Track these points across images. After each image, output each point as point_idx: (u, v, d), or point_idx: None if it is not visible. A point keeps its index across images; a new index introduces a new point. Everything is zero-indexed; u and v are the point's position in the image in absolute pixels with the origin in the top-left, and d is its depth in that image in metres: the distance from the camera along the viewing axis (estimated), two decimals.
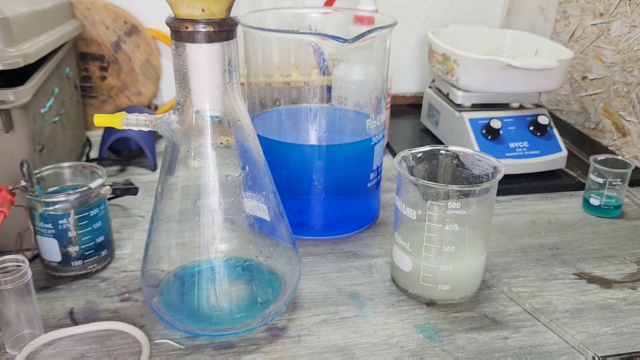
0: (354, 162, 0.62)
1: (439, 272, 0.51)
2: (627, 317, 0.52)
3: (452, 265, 0.51)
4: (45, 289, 0.54)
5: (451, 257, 0.51)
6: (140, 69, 0.96)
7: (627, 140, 0.86)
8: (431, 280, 0.52)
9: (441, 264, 0.51)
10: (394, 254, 0.55)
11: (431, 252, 0.51)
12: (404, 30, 1.06)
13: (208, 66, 0.42)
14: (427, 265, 0.51)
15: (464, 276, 0.52)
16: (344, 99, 0.64)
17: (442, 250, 0.50)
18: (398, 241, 0.54)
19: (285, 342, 0.48)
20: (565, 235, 0.66)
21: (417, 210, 0.51)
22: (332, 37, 0.53)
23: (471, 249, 0.52)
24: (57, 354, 0.46)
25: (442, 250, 0.50)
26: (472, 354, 0.47)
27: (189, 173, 0.45)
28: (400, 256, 0.53)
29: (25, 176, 0.52)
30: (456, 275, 0.52)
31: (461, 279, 0.52)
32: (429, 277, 0.52)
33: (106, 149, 0.81)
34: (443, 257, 0.51)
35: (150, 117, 0.45)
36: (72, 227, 0.53)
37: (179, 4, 0.40)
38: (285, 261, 0.50)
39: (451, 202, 0.49)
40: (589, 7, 0.93)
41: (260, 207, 0.47)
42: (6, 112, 0.54)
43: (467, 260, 0.52)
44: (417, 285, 0.53)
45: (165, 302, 0.48)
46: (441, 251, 0.50)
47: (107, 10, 0.91)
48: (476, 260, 0.53)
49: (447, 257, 0.51)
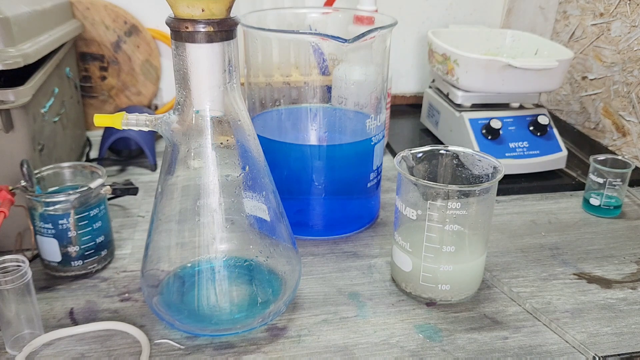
0: (354, 162, 0.62)
1: (439, 272, 0.51)
2: (627, 317, 0.52)
3: (452, 266, 0.51)
4: (45, 289, 0.54)
5: (451, 257, 0.51)
6: (140, 69, 0.96)
7: (627, 140, 0.86)
8: (431, 280, 0.52)
9: (441, 264, 0.51)
10: (394, 254, 0.55)
11: (431, 252, 0.51)
12: (404, 30, 1.06)
13: (208, 66, 0.42)
14: (427, 265, 0.51)
15: (464, 276, 0.52)
16: (344, 99, 0.64)
17: (442, 250, 0.50)
18: (398, 241, 0.54)
19: (285, 342, 0.48)
20: (565, 235, 0.66)
21: (417, 210, 0.51)
22: (332, 37, 0.53)
23: (471, 249, 0.52)
24: (57, 354, 0.46)
25: (442, 250, 0.50)
26: (472, 354, 0.47)
27: (189, 173, 0.45)
28: (400, 256, 0.53)
29: (25, 176, 0.52)
30: (456, 275, 0.52)
31: (461, 279, 0.52)
32: (429, 277, 0.52)
33: (106, 149, 0.81)
34: (443, 257, 0.51)
35: (150, 117, 0.44)
36: (72, 227, 0.53)
37: (179, 4, 0.40)
38: (285, 261, 0.50)
39: (451, 202, 0.49)
40: (589, 7, 0.93)
41: (260, 207, 0.47)
42: (6, 112, 0.54)
43: (467, 261, 0.52)
44: (417, 285, 0.53)
45: (165, 302, 0.48)
46: (441, 251, 0.50)
47: (107, 10, 0.91)
48: (476, 261, 0.53)
49: (447, 257, 0.51)
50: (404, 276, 0.54)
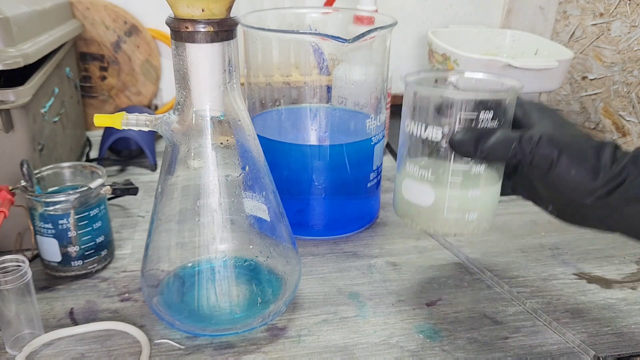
0: (354, 162, 0.62)
1: (467, 198, 0.45)
2: (627, 317, 0.52)
3: (480, 190, 0.45)
4: (45, 289, 0.54)
5: (478, 179, 0.45)
6: (140, 69, 0.96)
7: (627, 140, 0.86)
8: (457, 211, 0.45)
9: (469, 188, 0.44)
10: (406, 190, 0.47)
11: (459, 176, 0.44)
12: (404, 30, 1.06)
13: (208, 66, 0.42)
14: (453, 193, 0.45)
15: (488, 202, 0.46)
16: (344, 99, 0.64)
17: (470, 173, 0.44)
18: (413, 172, 0.46)
19: (285, 342, 0.48)
20: (565, 235, 0.66)
21: (444, 127, 0.43)
22: (332, 37, 0.53)
23: (494, 171, 0.46)
24: (57, 354, 0.46)
25: (470, 173, 0.44)
26: (472, 354, 0.47)
27: (189, 173, 0.45)
28: (417, 190, 0.46)
29: (25, 176, 0.52)
30: (483, 201, 0.46)
31: (486, 206, 0.46)
32: (455, 207, 0.45)
33: (106, 149, 0.81)
34: (471, 181, 0.44)
35: (150, 117, 0.44)
36: (72, 227, 0.53)
37: (179, 4, 0.40)
38: (285, 261, 0.50)
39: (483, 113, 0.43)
40: (589, 7, 0.93)
41: (260, 207, 0.47)
42: (6, 112, 0.54)
43: (493, 183, 0.46)
44: (438, 220, 0.46)
45: (165, 302, 0.48)
46: (469, 174, 0.44)
47: (107, 10, 0.91)
48: (496, 185, 0.47)
49: (475, 180, 0.45)
50: (423, 213, 0.46)
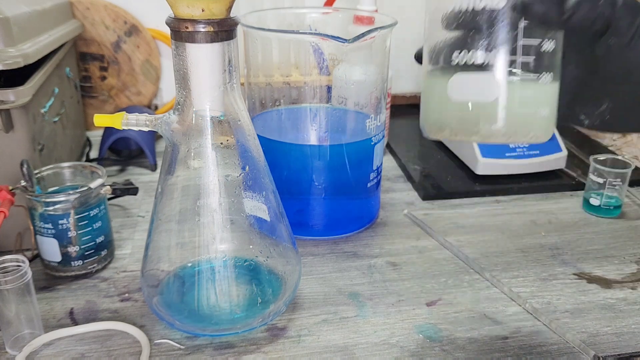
0: (354, 162, 0.62)
1: (539, 86, 0.34)
2: (627, 317, 0.52)
3: (552, 74, 0.35)
4: (45, 289, 0.54)
5: (552, 59, 0.35)
6: (140, 69, 0.96)
7: (627, 140, 0.86)
8: (528, 103, 0.35)
9: (540, 72, 0.34)
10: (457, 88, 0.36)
11: (531, 55, 0.34)
12: (404, 30, 1.06)
13: (208, 66, 0.42)
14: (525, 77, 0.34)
15: (555, 97, 0.36)
16: (344, 99, 0.64)
17: (541, 51, 0.34)
18: (466, 61, 0.35)
19: (285, 342, 0.48)
20: (565, 235, 0.66)
21: None
22: (332, 37, 0.53)
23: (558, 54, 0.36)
24: (57, 354, 0.46)
25: (541, 51, 0.34)
26: (472, 354, 0.47)
27: (189, 173, 0.45)
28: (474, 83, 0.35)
29: (25, 176, 0.52)
30: (554, 91, 0.36)
31: (554, 102, 0.36)
32: (528, 97, 0.34)
33: (106, 149, 0.81)
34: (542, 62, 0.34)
35: (150, 117, 0.45)
36: (72, 227, 0.53)
37: (179, 4, 0.40)
38: (285, 261, 0.50)
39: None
40: None
41: (260, 207, 0.47)
42: (6, 112, 0.54)
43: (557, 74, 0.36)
44: (503, 119, 0.34)
45: (165, 302, 0.48)
46: (540, 52, 0.34)
47: (107, 10, 0.91)
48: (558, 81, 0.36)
49: (549, 59, 0.35)
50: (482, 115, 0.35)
